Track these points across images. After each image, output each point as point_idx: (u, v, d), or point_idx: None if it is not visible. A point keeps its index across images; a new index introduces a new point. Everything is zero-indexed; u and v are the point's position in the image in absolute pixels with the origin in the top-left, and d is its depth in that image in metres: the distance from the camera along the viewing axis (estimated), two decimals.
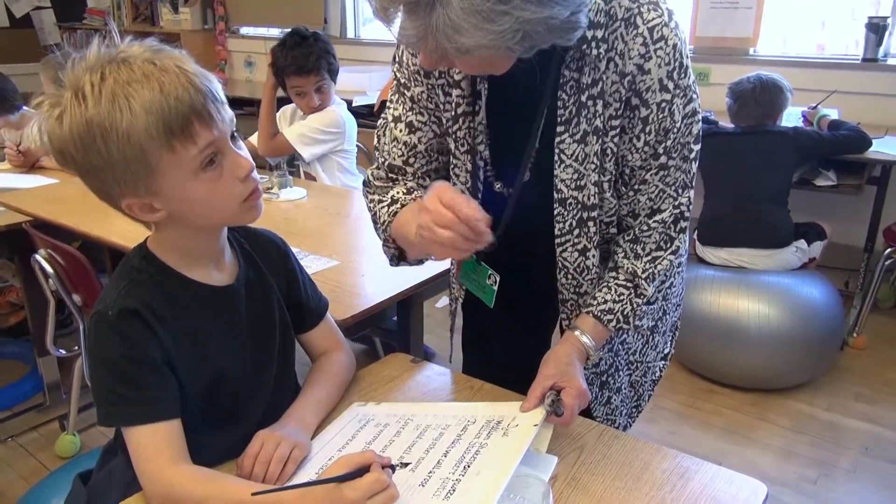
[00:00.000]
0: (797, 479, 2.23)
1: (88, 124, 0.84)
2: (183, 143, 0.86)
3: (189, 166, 0.88)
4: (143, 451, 0.91)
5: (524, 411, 1.04)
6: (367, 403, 1.17)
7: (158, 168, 0.87)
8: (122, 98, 0.84)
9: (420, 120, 1.17)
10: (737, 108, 2.75)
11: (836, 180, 2.94)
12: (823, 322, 2.62)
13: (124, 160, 0.86)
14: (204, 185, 0.90)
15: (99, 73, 0.85)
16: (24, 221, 2.16)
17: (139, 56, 0.87)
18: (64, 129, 0.86)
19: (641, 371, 1.36)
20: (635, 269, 1.15)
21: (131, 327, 0.91)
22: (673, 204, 1.12)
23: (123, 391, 0.91)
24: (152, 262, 0.98)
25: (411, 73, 1.14)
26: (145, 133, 0.84)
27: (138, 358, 0.92)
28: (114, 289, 0.95)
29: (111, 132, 0.84)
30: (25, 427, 2.47)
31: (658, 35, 0.99)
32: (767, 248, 2.68)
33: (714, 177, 2.79)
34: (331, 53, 2.50)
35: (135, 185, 0.89)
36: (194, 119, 0.86)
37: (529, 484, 0.86)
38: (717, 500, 0.96)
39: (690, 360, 2.82)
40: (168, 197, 0.91)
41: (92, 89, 0.84)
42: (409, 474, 0.94)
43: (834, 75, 3.31)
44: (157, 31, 5.67)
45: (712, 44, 3.64)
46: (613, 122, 1.05)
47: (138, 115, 0.83)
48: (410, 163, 1.19)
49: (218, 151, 0.90)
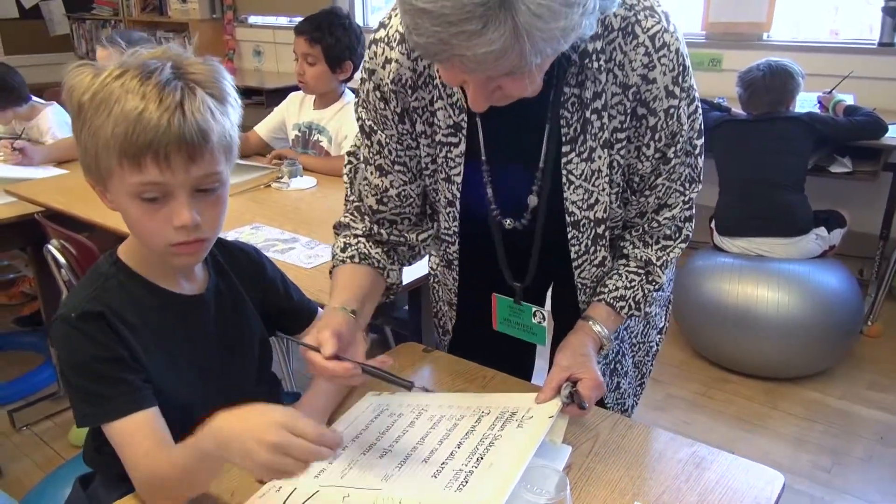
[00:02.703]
0: (811, 467, 2.22)
1: (80, 103, 0.88)
2: (130, 168, 0.87)
3: (128, 189, 0.89)
4: (126, 443, 0.91)
5: (539, 403, 1.03)
6: (382, 393, 1.17)
7: (107, 172, 0.90)
8: (112, 101, 0.86)
9: (388, 164, 1.12)
10: (747, 97, 2.72)
11: (852, 167, 2.90)
12: (841, 310, 2.59)
13: (85, 149, 0.90)
14: (137, 209, 0.91)
15: (122, 70, 0.88)
16: (37, 212, 2.16)
17: (177, 74, 0.89)
18: (72, 87, 0.89)
19: (644, 351, 1.36)
20: (648, 256, 1.14)
21: (94, 328, 0.92)
22: (682, 199, 1.11)
23: (97, 389, 0.92)
24: (121, 268, 0.99)
25: (379, 117, 1.09)
26: (105, 141, 0.87)
27: (106, 357, 0.92)
28: (79, 293, 0.97)
29: (88, 121, 0.88)
30: (40, 416, 2.49)
31: (660, 43, 0.96)
32: (787, 236, 2.65)
33: (728, 165, 2.76)
34: (340, 41, 2.43)
35: (91, 171, 0.92)
36: (149, 155, 0.86)
37: (546, 475, 0.85)
38: (733, 489, 0.95)
39: (705, 349, 2.80)
40: (114, 197, 0.93)
41: (105, 79, 0.87)
42: (422, 465, 0.94)
43: (849, 60, 3.26)
44: (165, 20, 5.67)
45: (725, 29, 3.59)
46: (619, 134, 1.02)
47: (109, 122, 0.86)
48: (384, 203, 1.15)
49: (162, 194, 0.89)
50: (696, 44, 3.66)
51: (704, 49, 3.63)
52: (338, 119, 2.52)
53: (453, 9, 0.72)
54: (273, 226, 1.95)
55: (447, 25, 0.73)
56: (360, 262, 1.14)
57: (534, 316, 1.10)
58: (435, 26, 0.74)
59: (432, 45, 0.76)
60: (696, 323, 2.77)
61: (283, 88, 3.86)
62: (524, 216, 1.12)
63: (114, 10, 6.01)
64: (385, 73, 1.03)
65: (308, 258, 1.69)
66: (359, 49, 2.46)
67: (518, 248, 1.15)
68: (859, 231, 3.17)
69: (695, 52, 3.64)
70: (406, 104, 1.06)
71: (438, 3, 0.72)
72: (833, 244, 2.76)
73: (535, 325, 1.10)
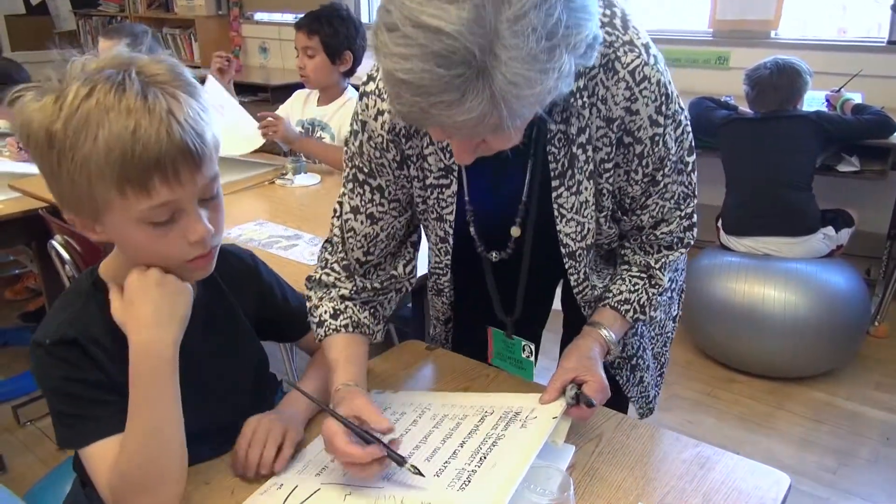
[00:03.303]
0: (816, 468, 2.20)
1: (50, 134, 0.79)
2: (136, 194, 0.81)
3: (136, 216, 0.83)
4: (96, 468, 0.89)
5: (543, 403, 1.02)
6: (385, 391, 1.16)
7: (105, 204, 0.82)
8: (93, 124, 0.78)
9: (381, 210, 1.10)
10: (755, 95, 2.70)
11: (860, 166, 2.88)
12: (848, 310, 2.57)
13: (71, 183, 0.81)
14: (146, 235, 0.85)
15: (89, 87, 0.79)
16: (41, 207, 2.16)
17: (144, 81, 0.81)
18: (30, 120, 0.81)
19: (661, 342, 1.36)
20: (648, 261, 1.15)
21: (69, 353, 0.89)
22: (678, 215, 1.12)
23: (72, 411, 0.89)
24: (101, 287, 0.94)
25: (375, 166, 1.07)
26: (99, 170, 0.79)
27: (79, 378, 0.89)
28: (57, 316, 0.93)
29: (68, 153, 0.79)
30: (44, 412, 2.48)
31: (641, 76, 0.95)
32: (794, 235, 2.63)
33: (735, 164, 2.74)
34: (338, 31, 2.42)
35: (77, 207, 0.85)
36: (155, 174, 0.80)
37: (549, 475, 0.85)
38: (739, 490, 0.94)
39: (710, 348, 2.79)
40: (109, 230, 0.87)
41: (73, 101, 0.79)
42: (425, 464, 0.93)
43: (857, 58, 3.24)
44: (171, 17, 5.67)
45: (732, 27, 3.57)
46: (606, 164, 1.03)
47: (100, 148, 0.78)
48: (371, 251, 1.13)
49: (175, 210, 0.85)
50: (703, 41, 3.63)
51: (711, 47, 3.60)
52: (340, 115, 2.53)
53: (432, 80, 0.72)
54: (277, 222, 1.94)
55: (426, 96, 0.74)
56: (353, 331, 1.11)
57: (522, 350, 1.11)
58: (415, 96, 0.74)
59: (413, 113, 0.77)
60: (702, 322, 2.76)
61: (289, 85, 3.86)
62: (508, 245, 1.14)
63: (120, 6, 6.03)
64: (378, 124, 1.03)
65: (311, 255, 1.68)
66: (357, 40, 2.47)
67: (507, 281, 1.17)
68: (867, 230, 3.15)
69: (701, 49, 3.62)
70: (402, 152, 1.06)
71: (417, 75, 0.72)
72: (841, 244, 2.74)
73: (524, 359, 1.11)
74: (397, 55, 0.73)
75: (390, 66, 0.74)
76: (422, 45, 0.71)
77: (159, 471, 0.88)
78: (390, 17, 0.73)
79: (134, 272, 0.89)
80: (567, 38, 0.75)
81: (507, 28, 0.71)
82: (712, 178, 2.96)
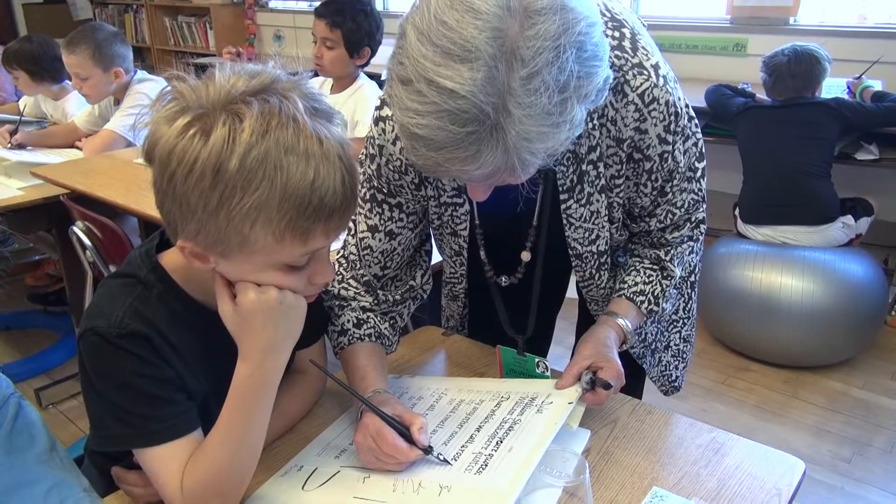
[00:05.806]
0: (831, 457, 2.20)
1: (217, 171, 0.72)
2: (293, 241, 0.76)
3: (280, 259, 0.79)
4: (164, 471, 0.84)
5: (559, 389, 1.03)
6: (402, 376, 1.18)
7: (253, 247, 0.76)
8: (271, 167, 0.72)
9: (400, 225, 1.11)
10: (772, 83, 2.67)
11: (878, 154, 2.85)
12: (865, 300, 2.56)
13: (226, 221, 0.74)
14: (273, 276, 0.80)
15: (265, 124, 0.72)
16: (62, 194, 2.19)
17: (310, 112, 0.76)
18: (185, 148, 0.72)
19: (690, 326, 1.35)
20: (658, 254, 1.16)
21: (139, 348, 0.83)
22: (689, 220, 1.14)
23: (138, 409, 0.83)
24: (162, 278, 0.88)
25: (394, 187, 1.08)
26: (268, 217, 0.73)
27: (150, 374, 0.84)
28: (116, 303, 0.85)
29: (237, 192, 0.72)
30: (65, 395, 2.54)
31: (650, 98, 0.96)
32: (813, 224, 2.61)
33: (753, 152, 2.72)
34: (361, 27, 2.42)
35: (212, 242, 0.77)
36: (321, 225, 0.76)
37: (565, 458, 0.86)
38: (753, 475, 0.95)
39: (725, 336, 2.78)
40: (233, 266, 0.80)
41: (250, 137, 0.72)
42: (441, 448, 0.94)
43: (877, 45, 3.19)
44: (186, 5, 5.69)
45: (750, 13, 3.52)
46: (617, 180, 1.04)
47: (276, 194, 0.72)
48: (388, 265, 1.14)
49: (313, 256, 0.82)
50: (721, 28, 3.59)
51: (729, 34, 3.56)
52: (352, 102, 2.53)
53: (446, 137, 0.73)
54: None
55: (440, 150, 0.74)
56: (376, 340, 1.11)
57: (537, 366, 1.12)
58: (429, 151, 0.75)
59: (428, 165, 0.78)
60: (718, 310, 2.75)
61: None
62: (518, 271, 1.16)
63: None
64: (396, 149, 1.03)
65: None
66: (377, 36, 2.46)
67: (517, 303, 1.18)
68: (886, 220, 3.12)
69: (719, 36, 3.58)
70: (420, 174, 1.07)
71: (432, 130, 0.73)
72: (860, 233, 2.71)
73: (539, 374, 1.12)
74: (411, 110, 0.73)
75: (405, 120, 0.75)
76: (435, 102, 0.72)
77: (242, 478, 0.87)
78: (404, 70, 0.74)
79: (250, 288, 0.81)
80: (579, 89, 0.76)
81: (521, 86, 0.72)
82: (729, 166, 2.95)
